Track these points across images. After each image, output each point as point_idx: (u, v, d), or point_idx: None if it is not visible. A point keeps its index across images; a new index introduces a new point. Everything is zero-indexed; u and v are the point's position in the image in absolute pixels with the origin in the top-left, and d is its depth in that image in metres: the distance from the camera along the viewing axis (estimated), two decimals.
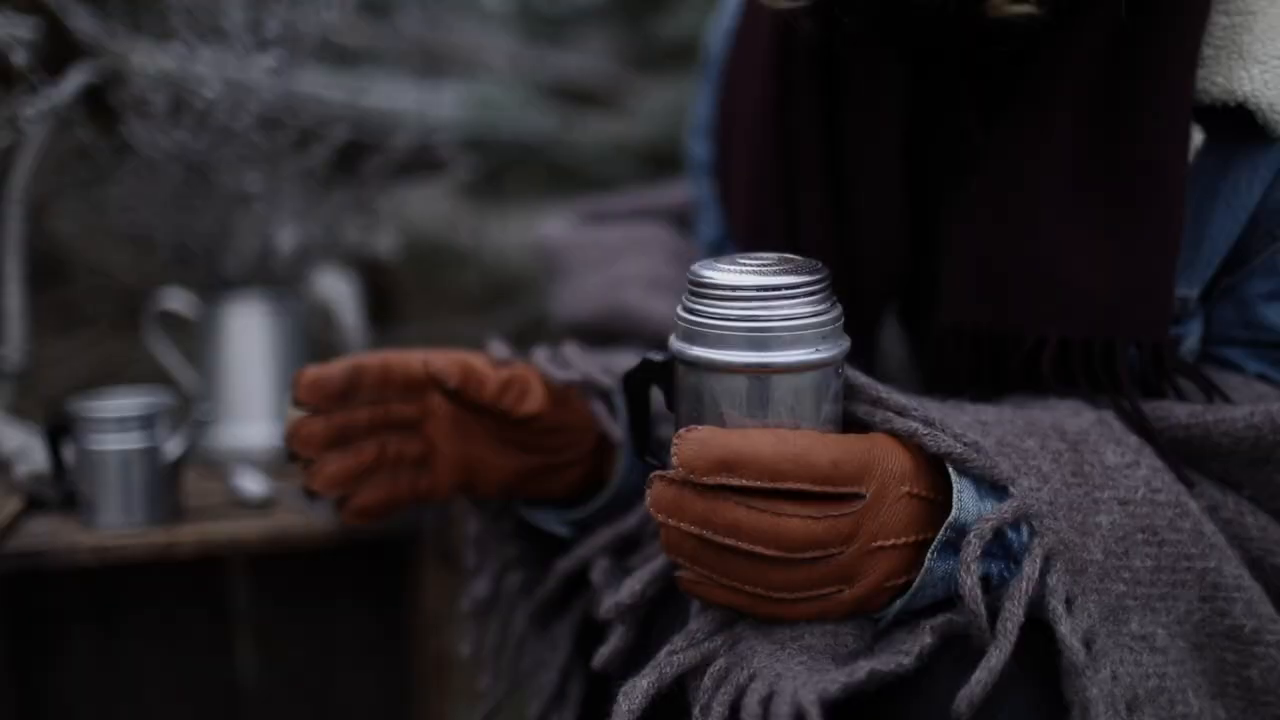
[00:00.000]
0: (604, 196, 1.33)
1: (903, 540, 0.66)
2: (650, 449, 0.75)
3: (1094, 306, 0.76)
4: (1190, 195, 0.76)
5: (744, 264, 0.67)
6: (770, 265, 0.67)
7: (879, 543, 0.65)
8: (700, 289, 0.67)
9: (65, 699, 1.30)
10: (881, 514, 0.65)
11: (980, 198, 0.81)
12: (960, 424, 0.68)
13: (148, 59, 1.24)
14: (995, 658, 0.62)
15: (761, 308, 0.65)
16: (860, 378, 0.70)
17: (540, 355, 0.88)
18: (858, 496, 0.64)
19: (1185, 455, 0.74)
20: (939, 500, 0.67)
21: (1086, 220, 0.77)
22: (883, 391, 0.69)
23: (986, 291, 0.80)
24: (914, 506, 0.66)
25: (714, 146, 1.04)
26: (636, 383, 0.73)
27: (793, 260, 0.69)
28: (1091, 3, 0.76)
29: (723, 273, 0.67)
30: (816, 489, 0.63)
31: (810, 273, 0.67)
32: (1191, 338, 0.78)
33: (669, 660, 0.67)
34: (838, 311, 0.68)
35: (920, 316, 0.91)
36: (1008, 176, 0.80)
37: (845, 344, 0.68)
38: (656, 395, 0.73)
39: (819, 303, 0.66)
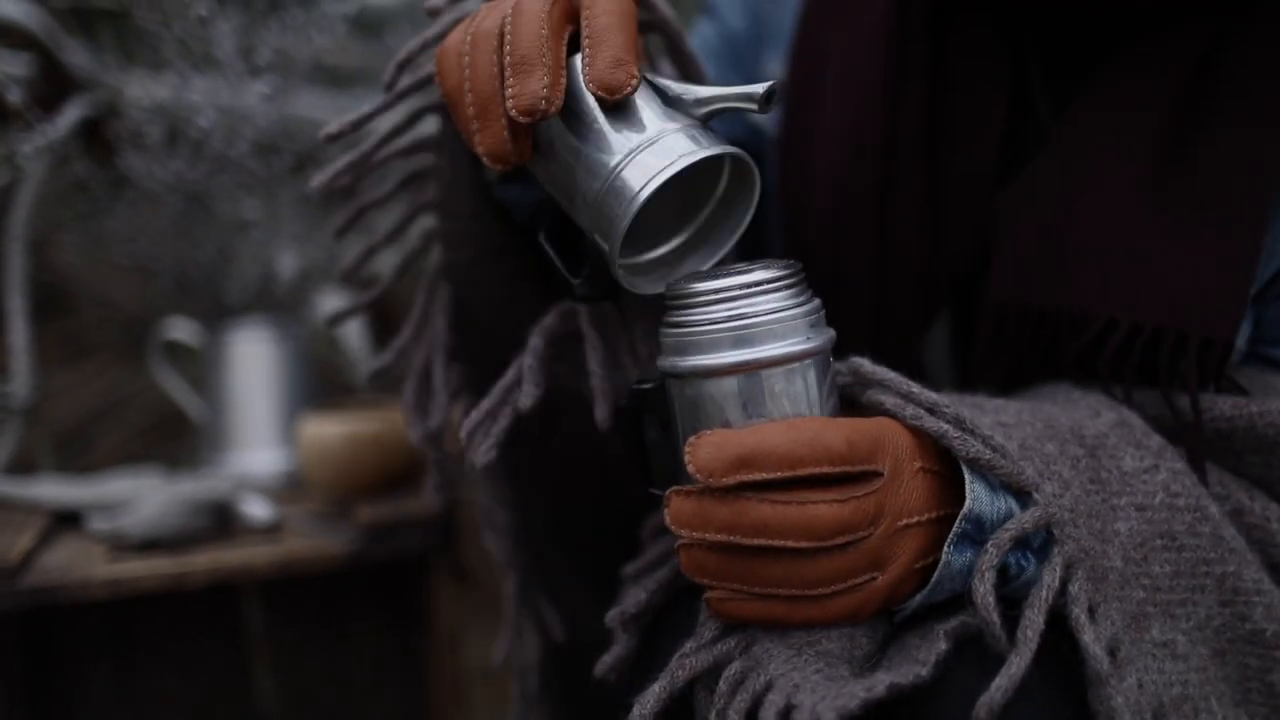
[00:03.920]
0: None
1: (926, 517, 0.65)
2: (654, 479, 0.72)
3: (1171, 294, 0.73)
4: None
5: (717, 272, 0.68)
6: (742, 267, 0.68)
7: (904, 521, 0.65)
8: (682, 300, 0.67)
9: None
10: (901, 490, 0.64)
11: (1043, 175, 0.79)
12: (985, 425, 0.67)
13: (142, 90, 1.24)
14: (1016, 665, 0.61)
15: (748, 304, 0.65)
16: (886, 372, 0.69)
17: None
18: (876, 474, 0.64)
19: (1227, 449, 0.72)
20: (948, 475, 0.67)
21: (1167, 208, 0.75)
22: (913, 386, 0.68)
23: (1049, 267, 0.77)
24: (929, 481, 0.66)
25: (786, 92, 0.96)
26: (629, 414, 0.71)
27: (760, 260, 0.69)
28: None
29: (701, 282, 0.67)
30: (836, 470, 0.63)
31: (784, 267, 0.67)
32: (1240, 339, 0.76)
33: (680, 664, 0.66)
34: (818, 302, 0.68)
35: (966, 302, 0.88)
36: (1079, 157, 0.78)
37: (831, 333, 0.68)
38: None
39: (800, 294, 0.67)
